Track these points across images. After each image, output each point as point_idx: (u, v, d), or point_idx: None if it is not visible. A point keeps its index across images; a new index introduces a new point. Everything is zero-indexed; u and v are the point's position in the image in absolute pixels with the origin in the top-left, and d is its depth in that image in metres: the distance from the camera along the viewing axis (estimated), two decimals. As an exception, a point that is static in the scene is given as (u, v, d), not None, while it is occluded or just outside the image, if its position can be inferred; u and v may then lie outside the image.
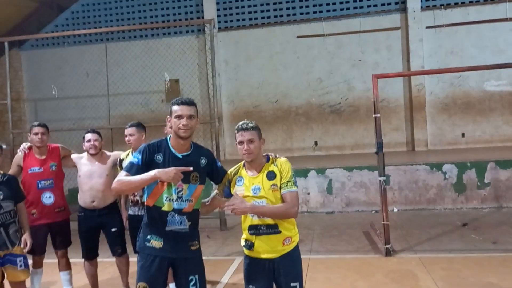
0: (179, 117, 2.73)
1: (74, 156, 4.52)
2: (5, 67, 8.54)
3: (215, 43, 11.10)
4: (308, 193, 7.73)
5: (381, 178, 5.16)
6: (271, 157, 2.94)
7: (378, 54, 10.60)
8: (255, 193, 2.83)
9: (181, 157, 2.85)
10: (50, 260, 4.55)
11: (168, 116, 2.84)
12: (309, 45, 10.90)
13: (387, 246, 5.10)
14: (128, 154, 4.42)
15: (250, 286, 2.90)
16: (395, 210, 7.48)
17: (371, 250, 5.42)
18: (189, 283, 2.86)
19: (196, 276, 2.88)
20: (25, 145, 4.45)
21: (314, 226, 6.73)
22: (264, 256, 2.85)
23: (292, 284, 2.87)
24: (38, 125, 4.36)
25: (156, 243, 2.79)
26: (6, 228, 3.58)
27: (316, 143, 11.00)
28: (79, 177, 4.38)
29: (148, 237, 2.82)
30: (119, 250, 4.48)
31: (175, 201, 2.80)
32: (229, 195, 2.97)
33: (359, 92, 10.77)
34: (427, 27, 10.31)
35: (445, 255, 5.09)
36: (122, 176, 2.74)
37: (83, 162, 4.41)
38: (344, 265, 4.89)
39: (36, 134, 4.30)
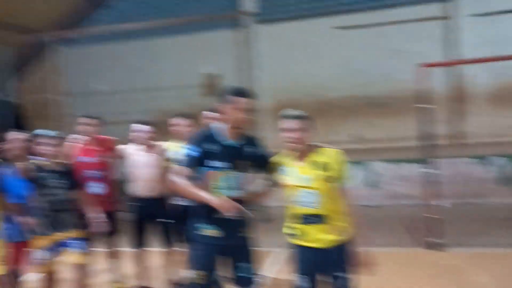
0: (245, 110, 2.81)
1: (122, 147, 4.60)
2: (49, 63, 8.85)
3: (253, 36, 11.23)
4: (354, 186, 7.64)
5: (428, 171, 5.05)
6: (320, 147, 2.91)
7: (420, 44, 10.29)
8: (303, 182, 2.83)
9: (235, 145, 2.89)
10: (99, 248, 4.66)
11: (222, 105, 2.87)
12: (349, 36, 10.72)
13: (435, 239, 5.01)
14: (175, 146, 4.46)
15: (299, 275, 2.89)
16: (442, 203, 7.30)
17: (418, 243, 5.33)
18: (239, 270, 2.90)
19: (248, 263, 2.92)
20: (77, 136, 4.58)
21: (358, 219, 6.63)
22: (310, 245, 2.84)
23: (340, 275, 2.85)
24: (89, 117, 4.49)
25: (209, 231, 2.84)
26: (66, 213, 3.75)
27: (355, 136, 10.85)
28: (129, 167, 4.46)
29: (201, 226, 2.87)
30: (168, 240, 4.55)
31: (227, 189, 2.84)
32: (275, 183, 2.99)
33: (400, 83, 10.49)
34: (470, 16, 9.96)
35: (494, 249, 4.96)
36: (181, 171, 2.82)
37: (133, 152, 4.50)
38: (392, 259, 4.82)
39: (84, 124, 4.43)
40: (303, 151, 2.86)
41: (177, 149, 4.41)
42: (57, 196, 3.75)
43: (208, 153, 2.84)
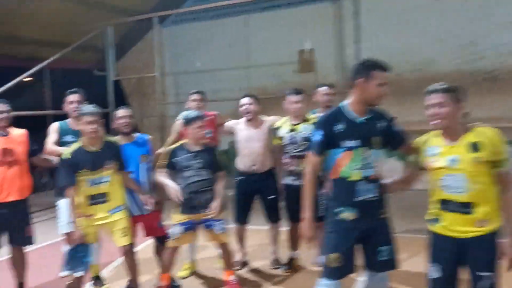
0: (382, 84, 2.65)
1: (230, 123, 4.55)
2: (153, 43, 9.00)
3: (349, 9, 10.60)
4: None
5: None
6: (472, 125, 2.53)
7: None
8: (451, 164, 2.48)
9: (362, 121, 2.72)
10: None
11: (356, 79, 2.69)
12: (458, 5, 9.73)
13: None
14: (285, 122, 4.29)
15: (433, 265, 2.63)
16: None
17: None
18: (379, 254, 2.75)
19: (387, 246, 2.75)
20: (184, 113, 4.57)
21: None
22: (452, 234, 2.53)
23: (481, 274, 2.48)
24: (197, 93, 4.46)
25: (346, 215, 2.70)
26: (202, 195, 3.80)
27: (467, 114, 9.91)
28: (238, 142, 4.40)
29: (338, 209, 2.72)
30: (274, 218, 4.43)
31: (362, 169, 2.67)
32: (416, 165, 2.74)
33: (514, 56, 9.41)
34: None
35: None
36: (311, 158, 2.77)
37: (240, 127, 4.46)
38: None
39: (194, 101, 4.39)
40: (451, 129, 2.52)
41: (285, 125, 4.27)
42: (196, 177, 3.82)
43: (339, 133, 2.69)
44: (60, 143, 4.05)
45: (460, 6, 9.69)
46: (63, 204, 4.13)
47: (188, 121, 3.92)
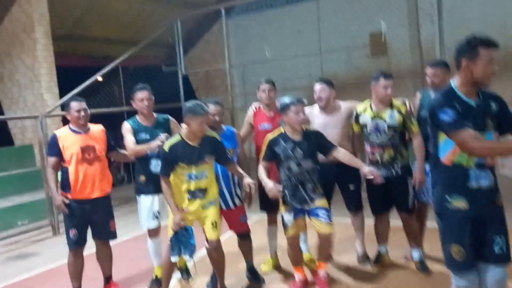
0: (491, 61, 2.45)
1: (307, 109, 4.30)
2: (221, 34, 8.93)
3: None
4: None
5: None
6: None
7: None
8: None
9: (476, 103, 2.49)
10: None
11: (465, 58, 2.49)
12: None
13: None
14: (366, 109, 3.99)
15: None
16: None
17: None
18: (494, 244, 2.57)
19: (502, 235, 2.58)
20: (255, 104, 4.43)
21: None
22: None
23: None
24: (266, 82, 4.29)
25: (459, 203, 2.55)
26: (304, 186, 3.71)
27: None
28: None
29: (450, 198, 2.55)
30: (354, 207, 4.28)
31: None
32: None
33: None
34: None
35: None
36: (468, 134, 2.38)
37: (315, 114, 4.25)
38: None
39: (264, 91, 4.21)
40: None
41: (367, 111, 3.99)
42: (298, 167, 3.69)
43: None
44: (136, 141, 4.03)
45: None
46: (143, 200, 4.13)
47: (283, 108, 3.70)
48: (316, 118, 4.26)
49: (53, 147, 3.90)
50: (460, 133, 2.37)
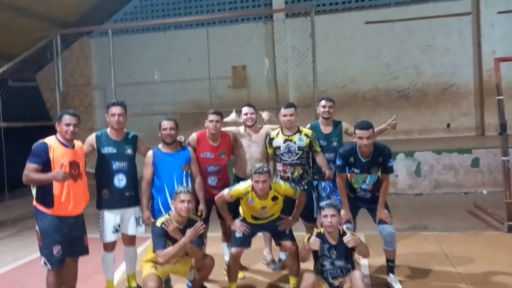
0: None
1: (232, 129, 4.70)
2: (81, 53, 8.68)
3: (281, 29, 11.32)
4: (396, 176, 7.87)
5: (505, 158, 5.30)
6: None
7: (448, 39, 10.64)
8: None
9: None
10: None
11: None
12: (377, 30, 10.97)
13: (510, 223, 5.27)
14: (278, 134, 4.55)
15: None
16: (484, 192, 7.62)
17: (488, 227, 5.58)
18: None
19: None
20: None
21: (414, 207, 6.96)
22: None
23: None
24: (214, 113, 4.43)
25: None
26: None
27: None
28: (239, 148, 4.62)
29: None
30: None
31: None
32: None
33: (428, 77, 10.87)
34: (498, 12, 10.29)
35: None
36: None
37: (241, 134, 4.68)
38: (473, 241, 5.06)
39: (211, 121, 4.39)
40: None
41: (279, 136, 4.54)
42: None
43: None
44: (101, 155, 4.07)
45: (380, 32, 10.90)
46: (106, 214, 4.07)
47: None
48: (243, 138, 4.66)
49: (41, 155, 3.54)
50: None
